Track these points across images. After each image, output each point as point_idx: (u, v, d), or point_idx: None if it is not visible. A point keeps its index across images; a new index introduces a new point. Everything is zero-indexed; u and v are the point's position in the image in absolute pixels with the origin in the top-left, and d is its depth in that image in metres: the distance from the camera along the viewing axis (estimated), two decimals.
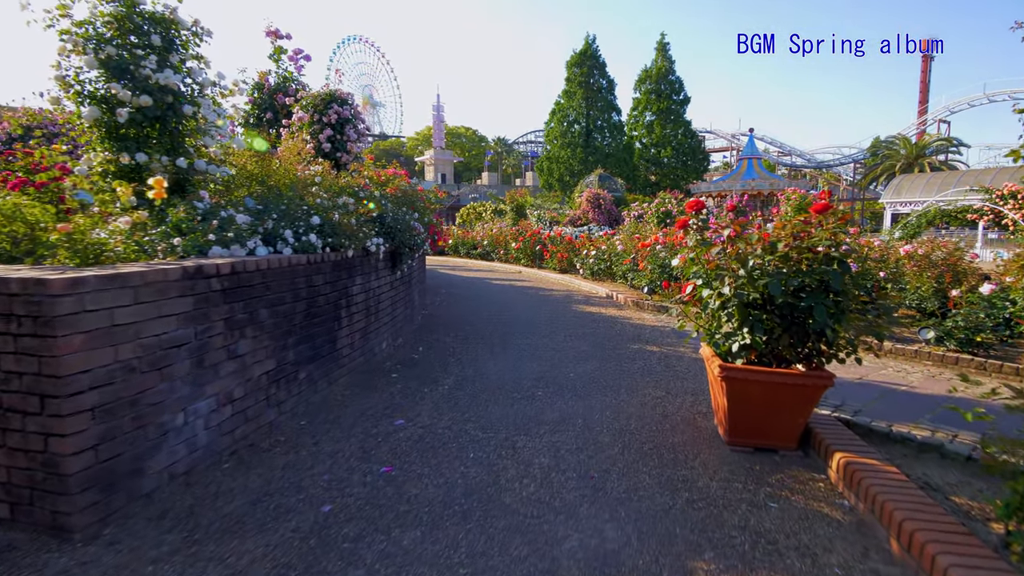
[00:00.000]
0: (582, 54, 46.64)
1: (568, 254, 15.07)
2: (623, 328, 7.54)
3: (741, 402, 3.28)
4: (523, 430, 3.77)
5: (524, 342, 6.57)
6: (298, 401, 4.14)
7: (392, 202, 6.57)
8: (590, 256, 13.07)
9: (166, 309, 2.85)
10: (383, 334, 6.00)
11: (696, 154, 46.91)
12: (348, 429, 3.78)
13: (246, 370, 3.51)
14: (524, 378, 5.05)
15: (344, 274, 4.90)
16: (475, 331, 7.22)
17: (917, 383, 5.01)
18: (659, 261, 9.44)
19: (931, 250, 7.48)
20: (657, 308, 8.99)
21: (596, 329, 7.41)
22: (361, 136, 7.31)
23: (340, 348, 4.85)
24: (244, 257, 3.63)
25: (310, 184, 5.45)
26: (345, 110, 7.03)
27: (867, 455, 2.98)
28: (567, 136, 46.71)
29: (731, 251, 3.25)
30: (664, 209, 18.25)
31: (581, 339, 6.75)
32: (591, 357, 5.86)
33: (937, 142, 44.69)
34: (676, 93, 46.65)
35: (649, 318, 8.41)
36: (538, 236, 17.24)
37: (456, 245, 22.61)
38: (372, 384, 4.84)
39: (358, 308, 5.25)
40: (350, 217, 4.87)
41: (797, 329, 3.19)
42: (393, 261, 6.27)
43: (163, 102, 4.51)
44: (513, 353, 6.03)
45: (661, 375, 5.20)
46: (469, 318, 8.24)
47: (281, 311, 3.90)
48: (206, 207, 4.21)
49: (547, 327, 7.52)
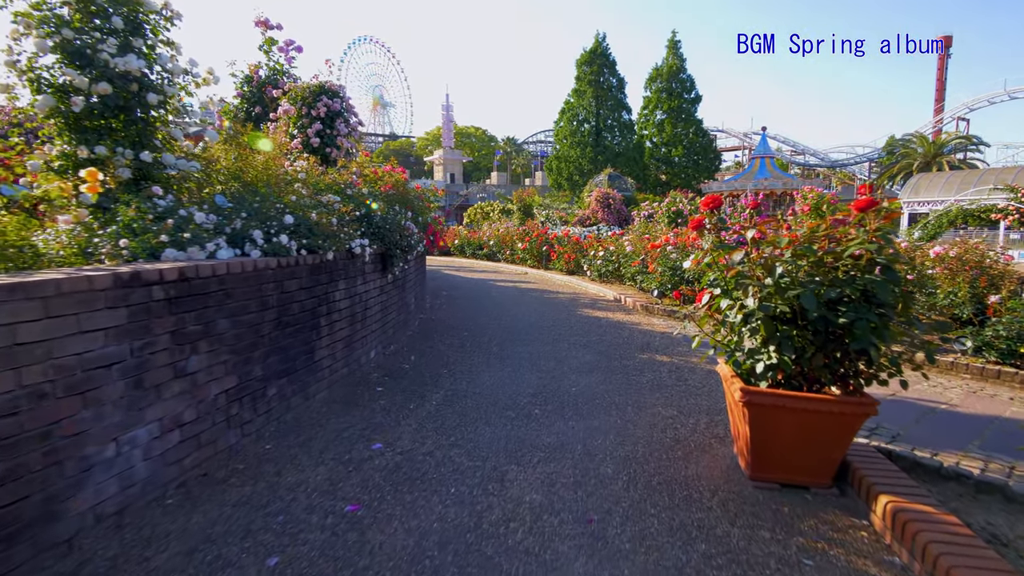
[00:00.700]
0: (592, 52, 46.13)
1: (575, 255, 14.60)
2: (631, 335, 7.06)
3: (766, 431, 2.81)
4: (515, 457, 3.32)
5: (524, 350, 6.12)
6: (266, 421, 3.72)
7: (384, 200, 6.15)
8: (598, 257, 12.59)
9: (91, 323, 2.43)
10: (372, 342, 5.58)
11: (707, 153, 46.24)
12: (318, 455, 3.35)
13: (199, 389, 3.09)
14: (521, 393, 4.60)
15: (324, 278, 4.48)
16: (473, 338, 6.78)
17: (957, 400, 4.51)
18: (670, 263, 8.95)
19: (964, 251, 6.94)
20: (667, 313, 8.50)
21: (602, 336, 6.95)
22: (353, 130, 6.90)
23: (319, 360, 4.43)
24: (199, 261, 3.21)
25: (293, 181, 5.04)
26: (335, 103, 6.62)
27: (918, 498, 2.50)
28: (577, 135, 46.20)
29: (755, 256, 2.79)
30: (675, 208, 17.72)
31: (585, 348, 6.29)
32: (595, 368, 5.40)
33: (956, 140, 43.66)
34: (687, 91, 46.01)
35: (659, 324, 7.93)
36: (545, 236, 16.78)
37: (462, 245, 22.20)
38: (354, 399, 4.41)
39: (341, 315, 4.83)
40: (330, 216, 4.44)
41: (833, 347, 2.72)
42: (383, 264, 5.85)
43: (126, 90, 4.11)
44: (511, 363, 5.58)
45: (672, 390, 4.73)
46: (468, 323, 7.81)
47: (245, 321, 3.48)
48: (168, 205, 3.81)
49: (550, 333, 7.07)
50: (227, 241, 3.78)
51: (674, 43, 46.32)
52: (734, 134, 63.61)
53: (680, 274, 8.76)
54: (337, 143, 6.56)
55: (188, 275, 2.98)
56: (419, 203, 8.49)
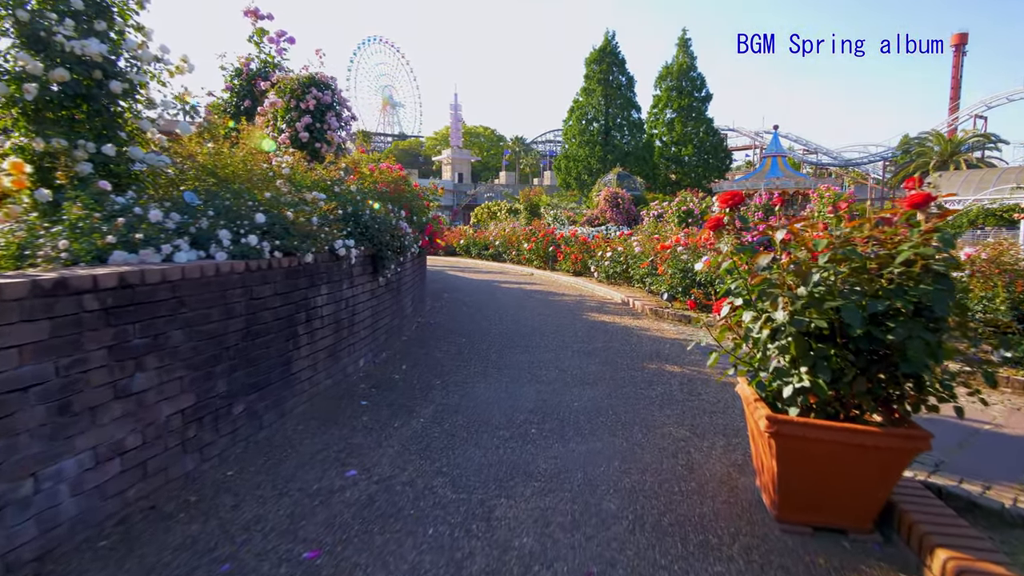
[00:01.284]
0: (601, 51, 45.64)
1: (582, 255, 14.17)
2: (639, 342, 6.65)
3: (797, 467, 2.40)
4: (505, 488, 2.92)
5: (525, 359, 5.72)
6: (231, 442, 3.34)
7: (375, 198, 5.78)
8: (605, 258, 12.17)
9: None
10: (360, 350, 5.20)
11: (718, 152, 45.65)
12: (284, 483, 2.97)
13: (146, 411, 2.72)
14: (518, 408, 4.21)
15: (303, 283, 4.10)
16: (471, 344, 6.39)
17: (1002, 419, 4.07)
18: (680, 265, 8.52)
19: (998, 254, 6.46)
20: (678, 317, 8.07)
21: (609, 343, 6.53)
22: (346, 125, 6.53)
23: (297, 372, 4.05)
24: (149, 265, 2.84)
25: (274, 178, 4.68)
26: (325, 95, 6.25)
27: (983, 553, 2.08)
28: (585, 134, 45.75)
29: (786, 261, 2.37)
30: (685, 208, 17.24)
31: (590, 356, 5.88)
32: (601, 380, 4.99)
33: (974, 138, 42.71)
34: (698, 90, 45.45)
35: (669, 329, 7.50)
36: (551, 236, 16.37)
37: (467, 245, 21.83)
38: (335, 415, 4.03)
39: (324, 322, 4.45)
40: (308, 215, 4.06)
41: (877, 369, 2.30)
42: (374, 266, 5.47)
43: (88, 77, 3.77)
44: (510, 373, 5.18)
45: (684, 406, 4.31)
46: (468, 327, 7.42)
47: (206, 331, 3.11)
48: (126, 202, 3.46)
49: (553, 340, 6.66)
50: (191, 242, 3.42)
51: (684, 41, 45.75)
52: (745, 133, 62.78)
53: (691, 276, 8.32)
54: (327, 138, 6.19)
55: (131, 281, 2.61)
56: (417, 202, 8.12)
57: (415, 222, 7.56)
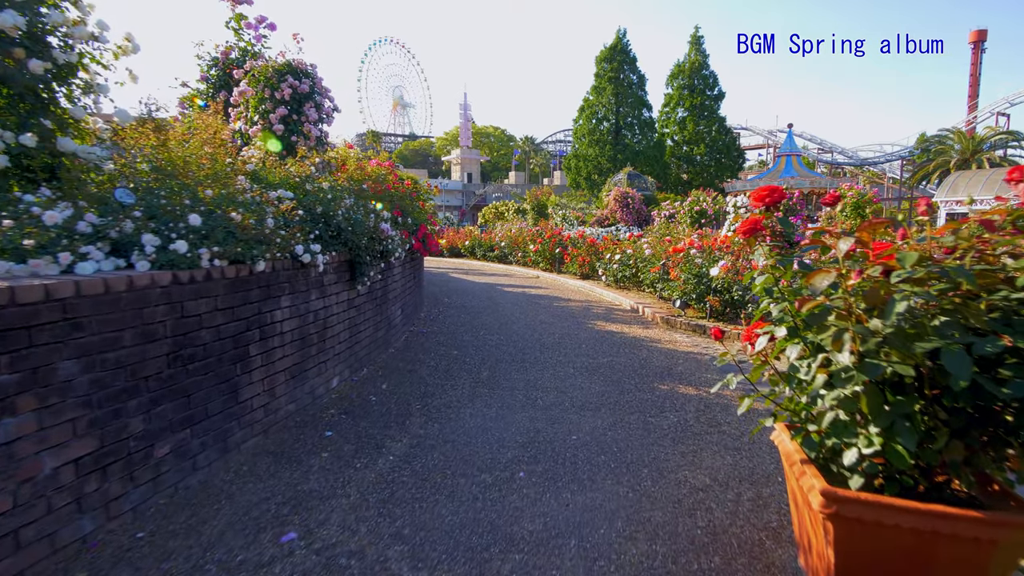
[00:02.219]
0: (612, 49, 44.96)
1: (590, 258, 13.53)
2: (650, 356, 6.00)
3: (863, 560, 1.76)
4: (479, 563, 2.31)
5: (520, 377, 5.11)
6: (152, 491, 2.76)
7: (355, 196, 5.19)
8: (614, 261, 11.52)
9: None
10: (334, 368, 4.62)
11: (731, 151, 44.81)
12: (203, 551, 2.38)
13: (19, 465, 2.14)
14: (507, 442, 3.59)
15: (256, 295, 3.52)
16: (463, 358, 5.78)
17: None
18: (695, 270, 7.86)
19: None
20: (692, 327, 7.41)
21: (615, 358, 5.90)
22: (327, 117, 5.95)
23: (247, 400, 3.46)
24: (22, 280, 2.26)
25: (234, 174, 4.11)
26: (303, 84, 5.67)
27: None
28: (595, 133, 45.11)
29: (853, 282, 1.73)
30: (698, 208, 16.57)
31: (594, 373, 5.25)
32: (605, 404, 4.36)
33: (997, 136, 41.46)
34: (710, 88, 44.65)
35: (682, 341, 6.85)
36: (558, 237, 15.74)
37: (473, 246, 21.25)
38: (291, 449, 3.44)
39: (285, 339, 3.87)
40: (261, 216, 3.47)
41: (980, 431, 1.66)
42: (351, 273, 4.88)
43: (8, 55, 3.22)
44: (502, 396, 4.57)
45: (702, 441, 3.68)
46: (464, 337, 6.82)
47: (113, 360, 2.53)
48: (34, 202, 2.89)
49: (555, 353, 6.04)
50: (111, 249, 2.85)
51: (697, 39, 44.94)
52: (758, 131, 61.68)
53: (706, 282, 7.67)
54: (304, 130, 5.61)
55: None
56: (409, 201, 7.53)
57: (405, 223, 6.98)
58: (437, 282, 13.28)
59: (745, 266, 7.52)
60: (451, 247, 22.86)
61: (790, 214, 9.95)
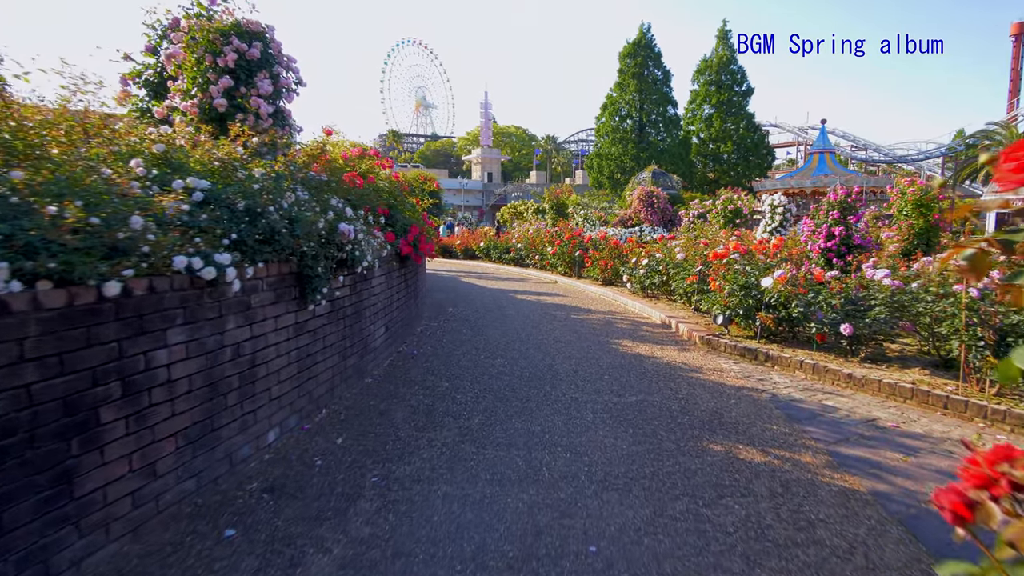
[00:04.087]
0: (636, 44, 43.52)
1: (613, 262, 12.23)
2: (691, 393, 4.72)
3: None
4: None
5: (523, 426, 3.87)
6: None
7: (315, 191, 4.02)
8: (640, 266, 10.20)
9: None
10: (268, 418, 3.43)
11: (759, 149, 43.01)
12: None
13: None
14: (489, 557, 2.36)
15: (112, 331, 2.34)
16: (455, 392, 4.57)
17: None
18: (740, 280, 6.53)
19: None
20: (739, 351, 6.07)
21: (647, 396, 4.62)
22: (286, 91, 4.79)
23: (93, 492, 2.28)
24: None
25: (128, 155, 2.96)
26: (253, 49, 4.51)
27: None
28: (618, 131, 43.68)
29: None
30: (732, 207, 15.13)
31: (621, 422, 3.99)
32: (637, 479, 3.10)
33: None
34: (738, 84, 42.95)
35: (730, 370, 5.54)
36: (578, 239, 14.44)
37: (488, 248, 20.05)
38: (159, 569, 2.25)
39: (176, 391, 2.68)
40: (109, 212, 2.28)
41: None
42: (301, 288, 3.70)
43: None
44: (495, 460, 3.34)
45: (788, 556, 2.39)
46: (461, 361, 5.61)
47: None
48: None
49: (570, 386, 4.79)
50: None
51: (724, 33, 43.25)
52: (788, 128, 59.34)
53: (756, 295, 6.33)
54: (249, 105, 4.43)
55: None
56: (398, 197, 6.35)
57: (392, 224, 5.80)
58: (445, 288, 12.11)
59: (806, 276, 6.18)
60: (466, 249, 21.70)
61: (848, 213, 8.54)
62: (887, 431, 3.90)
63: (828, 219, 8.58)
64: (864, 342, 5.53)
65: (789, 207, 13.79)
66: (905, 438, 3.78)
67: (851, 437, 3.77)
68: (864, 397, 4.69)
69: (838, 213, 8.57)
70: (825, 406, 4.44)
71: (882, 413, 4.28)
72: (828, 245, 8.41)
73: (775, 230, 13.12)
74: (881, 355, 5.59)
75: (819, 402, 4.54)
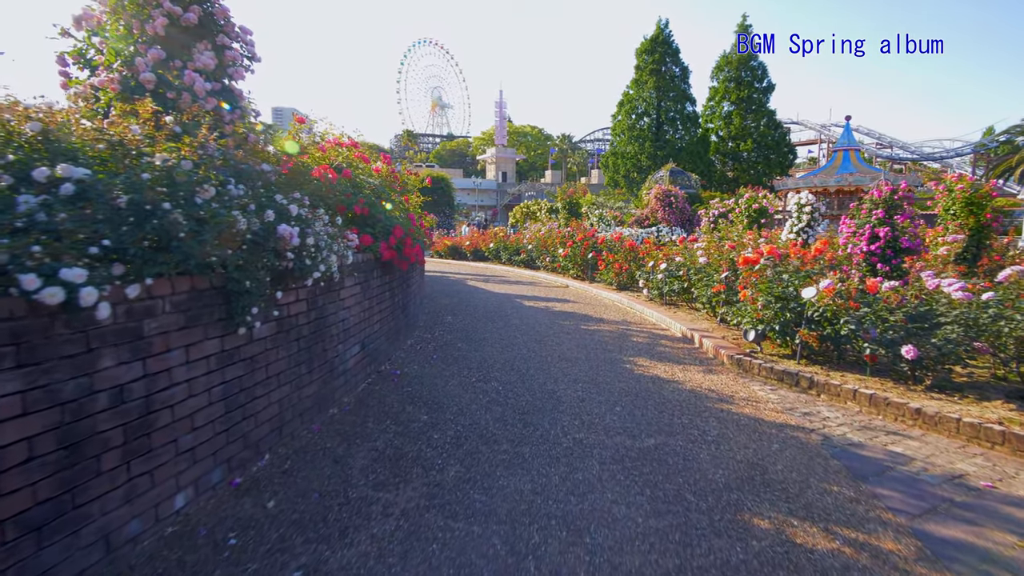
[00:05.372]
0: (653, 40, 42.42)
1: (628, 265, 11.34)
2: (723, 434, 3.84)
3: None
4: None
5: (512, 483, 3.03)
6: None
7: (246, 180, 3.22)
8: (658, 270, 9.30)
9: None
10: (176, 478, 2.63)
11: (780, 147, 41.67)
12: None
13: None
14: None
15: None
16: (431, 431, 3.75)
17: None
18: (776, 290, 5.62)
19: None
20: (777, 375, 5.16)
21: (669, 438, 3.76)
22: (233, 68, 3.99)
23: None
24: None
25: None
26: (189, 14, 3.71)
27: None
28: (635, 129, 42.63)
29: None
30: (757, 206, 14.12)
31: (635, 478, 3.13)
32: None
33: None
34: (759, 80, 41.66)
35: (768, 400, 4.65)
36: (591, 240, 13.55)
37: (497, 250, 19.22)
38: None
39: (8, 460, 1.90)
40: None
41: None
42: (228, 308, 2.90)
43: None
44: (462, 544, 2.50)
45: None
46: (448, 386, 4.79)
47: None
48: None
49: (574, 421, 3.94)
50: None
51: (744, 27, 41.96)
52: (811, 126, 57.63)
53: (796, 308, 5.42)
54: (184, 82, 3.64)
55: None
56: (381, 194, 5.55)
57: (374, 223, 5.00)
58: (449, 292, 11.32)
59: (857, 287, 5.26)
60: (475, 250, 20.90)
61: (894, 211, 7.56)
62: (982, 494, 3.01)
63: (872, 219, 7.62)
64: (930, 367, 4.60)
65: (817, 206, 12.77)
66: (1010, 506, 2.88)
67: (939, 506, 2.87)
68: (939, 439, 3.78)
69: (883, 212, 7.59)
70: (893, 454, 3.53)
71: (968, 465, 3.37)
72: (872, 248, 7.45)
73: (802, 230, 12.19)
74: (948, 382, 4.65)
75: (884, 447, 3.63)
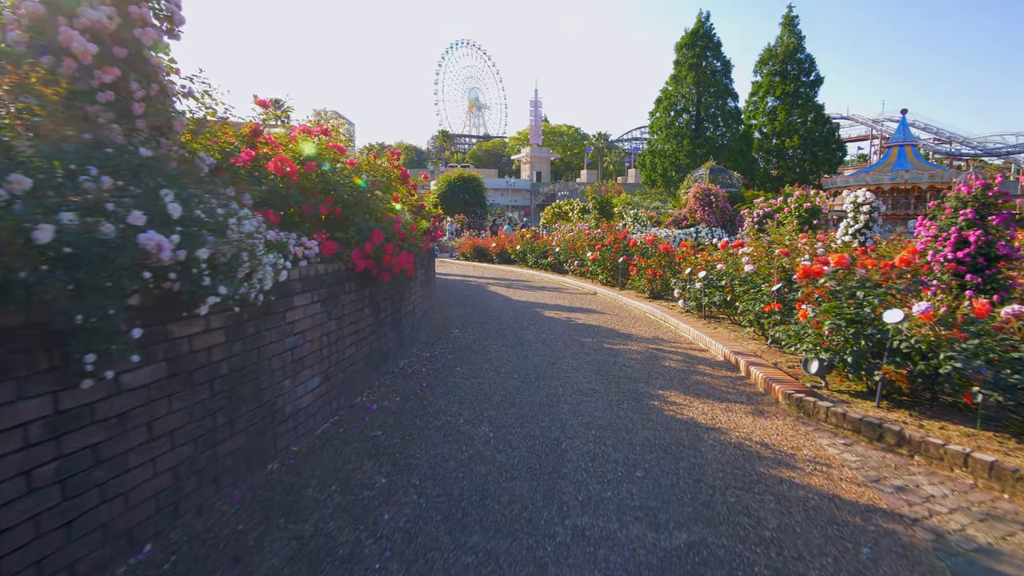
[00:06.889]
0: (693, 34, 40.70)
1: (662, 271, 10.19)
2: (785, 529, 2.76)
3: None
4: None
5: None
6: None
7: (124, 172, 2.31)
8: (697, 278, 8.14)
9: None
10: None
11: (829, 143, 39.42)
12: None
13: None
14: None
15: None
16: (382, 508, 2.78)
17: None
18: (847, 310, 4.44)
19: None
20: (854, 424, 3.99)
21: (708, 535, 2.70)
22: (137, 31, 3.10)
23: None
24: None
25: None
26: None
27: None
28: (674, 127, 40.98)
29: None
30: (809, 205, 12.73)
31: None
32: None
33: None
34: (806, 74, 39.54)
35: (842, 461, 3.52)
36: (622, 243, 12.41)
37: (524, 252, 18.20)
38: None
39: None
40: None
41: None
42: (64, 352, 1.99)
43: None
44: None
45: None
46: (427, 430, 3.82)
47: None
48: None
49: (576, 501, 2.91)
50: None
51: (790, 19, 39.99)
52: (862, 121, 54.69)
53: (876, 335, 4.24)
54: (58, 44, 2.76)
55: None
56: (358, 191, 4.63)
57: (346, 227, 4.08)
58: (465, 300, 10.38)
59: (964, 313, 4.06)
60: (501, 252, 19.94)
61: (988, 212, 6.24)
62: None
63: (959, 220, 6.32)
64: None
65: (876, 205, 11.33)
66: None
67: None
68: None
69: (973, 212, 6.28)
70: None
71: None
72: (959, 255, 6.16)
73: (859, 232, 10.83)
74: None
75: None
